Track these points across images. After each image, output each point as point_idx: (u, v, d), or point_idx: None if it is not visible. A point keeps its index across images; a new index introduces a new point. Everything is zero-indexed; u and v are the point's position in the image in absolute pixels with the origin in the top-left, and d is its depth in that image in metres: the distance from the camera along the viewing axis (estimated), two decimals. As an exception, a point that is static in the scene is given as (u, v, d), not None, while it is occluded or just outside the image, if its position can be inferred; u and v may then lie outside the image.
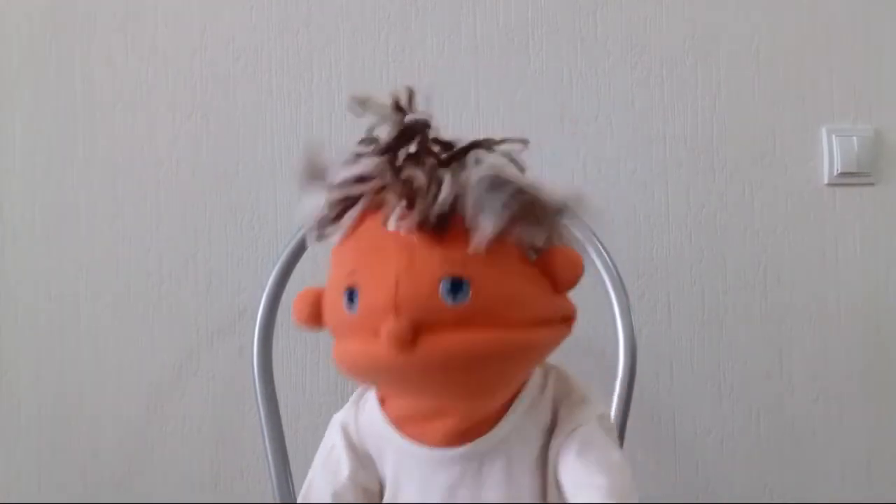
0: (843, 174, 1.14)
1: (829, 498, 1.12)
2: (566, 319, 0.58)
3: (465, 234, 0.54)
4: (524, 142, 0.58)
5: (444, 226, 0.53)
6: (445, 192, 0.53)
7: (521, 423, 0.60)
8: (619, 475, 0.58)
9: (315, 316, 0.59)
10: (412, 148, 0.55)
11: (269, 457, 0.88)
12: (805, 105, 1.15)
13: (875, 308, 1.15)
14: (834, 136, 1.14)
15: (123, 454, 1.08)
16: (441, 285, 0.52)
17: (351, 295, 0.54)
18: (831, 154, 1.14)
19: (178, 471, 1.08)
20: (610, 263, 0.89)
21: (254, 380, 0.90)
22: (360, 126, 1.15)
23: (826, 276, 1.14)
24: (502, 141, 0.58)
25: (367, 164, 0.56)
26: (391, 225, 0.54)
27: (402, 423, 0.60)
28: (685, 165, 1.13)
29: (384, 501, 0.62)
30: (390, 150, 0.56)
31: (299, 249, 0.92)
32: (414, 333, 0.51)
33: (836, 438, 1.14)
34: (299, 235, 0.92)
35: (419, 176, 0.54)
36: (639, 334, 0.91)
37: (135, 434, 1.09)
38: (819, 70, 1.15)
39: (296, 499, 0.86)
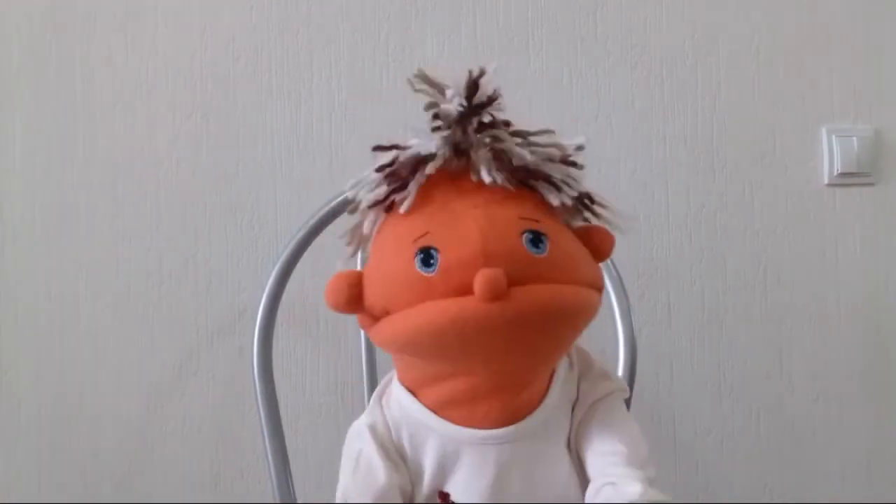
0: (843, 174, 1.14)
1: (829, 498, 1.12)
2: (600, 288, 0.60)
3: (533, 198, 0.58)
4: (581, 148, 0.62)
5: (519, 188, 0.57)
6: (526, 154, 0.57)
7: (559, 400, 0.62)
8: (638, 444, 0.61)
9: (356, 298, 0.58)
10: (484, 118, 0.58)
11: (269, 457, 0.88)
12: (805, 105, 1.15)
13: (875, 308, 1.15)
14: (834, 136, 1.14)
15: (123, 454, 1.08)
16: (524, 236, 0.54)
17: (426, 256, 0.54)
18: (831, 154, 1.14)
19: (178, 471, 1.08)
20: (610, 263, 0.89)
21: (254, 380, 0.90)
22: (360, 126, 1.16)
23: (826, 276, 1.14)
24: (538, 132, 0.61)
25: (442, 132, 0.57)
26: (484, 176, 0.56)
27: (444, 409, 0.60)
28: (685, 165, 1.13)
29: (424, 490, 0.62)
30: (465, 117, 0.57)
31: (299, 249, 0.92)
32: (504, 294, 0.52)
33: (836, 438, 1.14)
34: (299, 235, 0.92)
35: (505, 136, 0.58)
36: (639, 334, 0.91)
37: (135, 434, 1.09)
38: (819, 70, 1.15)
39: (296, 499, 0.87)
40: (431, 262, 0.54)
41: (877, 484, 1.14)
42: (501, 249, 0.53)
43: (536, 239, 0.55)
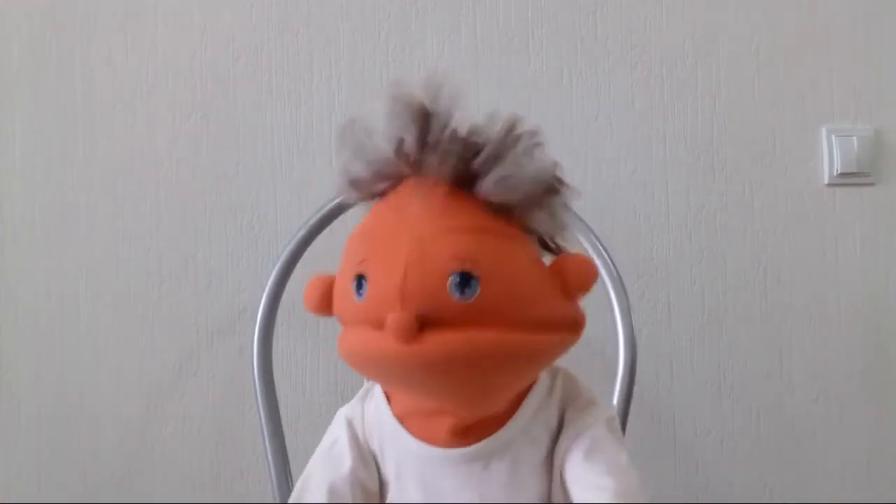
0: (843, 174, 1.14)
1: (829, 498, 1.12)
2: (574, 326, 0.57)
3: (478, 221, 0.54)
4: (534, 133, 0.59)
5: (468, 187, 0.54)
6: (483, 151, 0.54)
7: (528, 424, 0.60)
8: (627, 478, 0.58)
9: (325, 302, 0.59)
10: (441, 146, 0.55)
11: (269, 457, 0.88)
12: (805, 105, 1.15)
13: (875, 308, 1.15)
14: (834, 136, 1.14)
15: (123, 454, 1.08)
16: (450, 279, 0.52)
17: (360, 282, 0.55)
18: (831, 154, 1.14)
19: (178, 471, 1.08)
20: (610, 263, 0.89)
21: (254, 380, 0.90)
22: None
23: (826, 276, 1.14)
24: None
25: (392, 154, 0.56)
26: (415, 209, 0.54)
27: (408, 420, 0.60)
28: (685, 165, 1.13)
29: (389, 500, 0.62)
30: (420, 141, 0.55)
31: (299, 249, 0.92)
32: (419, 326, 0.51)
33: (836, 438, 1.14)
34: (299, 235, 0.92)
35: (455, 137, 0.55)
36: (639, 334, 0.91)
37: (135, 434, 1.09)
38: (819, 70, 1.15)
39: (296, 499, 0.87)
40: (361, 291, 0.54)
41: (877, 484, 1.14)
42: (420, 290, 0.52)
43: (464, 282, 0.52)
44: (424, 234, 0.54)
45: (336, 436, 0.64)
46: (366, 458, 0.62)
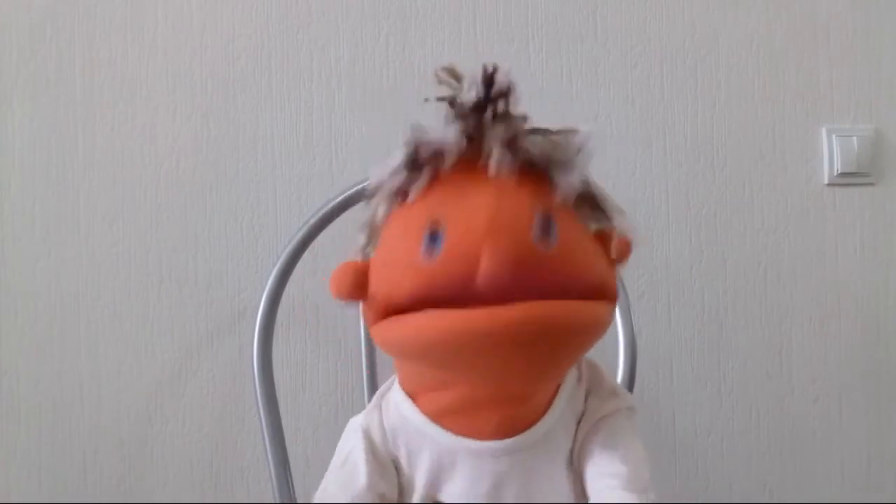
0: (843, 174, 1.14)
1: (829, 498, 1.12)
2: (616, 296, 0.58)
3: (545, 187, 0.55)
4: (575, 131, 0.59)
5: (533, 175, 0.55)
6: (541, 141, 0.55)
7: (563, 414, 0.60)
8: (640, 467, 0.59)
9: (360, 286, 0.56)
10: (499, 108, 0.57)
11: (269, 457, 0.88)
12: (805, 105, 1.15)
13: (875, 308, 1.15)
14: (834, 136, 1.14)
15: (123, 454, 1.08)
16: (535, 220, 0.51)
17: (433, 237, 0.52)
18: (831, 154, 1.14)
19: (178, 471, 1.08)
20: (610, 263, 0.89)
21: (254, 380, 0.90)
22: (360, 126, 1.16)
23: (826, 276, 1.14)
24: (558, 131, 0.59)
25: (459, 122, 0.56)
26: (492, 167, 0.53)
27: (442, 417, 0.59)
28: (685, 165, 1.13)
29: (417, 500, 0.61)
30: (480, 108, 0.57)
31: (299, 249, 0.92)
32: (510, 273, 0.49)
33: (836, 438, 1.14)
34: (299, 235, 0.92)
35: (518, 126, 0.56)
36: (639, 334, 0.91)
37: (135, 434, 1.09)
38: (819, 70, 1.15)
39: (296, 499, 0.87)
40: (437, 241, 0.51)
41: (877, 484, 1.14)
42: (509, 229, 0.51)
43: (547, 225, 0.52)
44: (498, 188, 0.53)
45: (350, 447, 0.62)
46: (384, 468, 0.61)
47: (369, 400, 0.90)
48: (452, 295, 0.51)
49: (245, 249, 1.09)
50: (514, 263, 0.50)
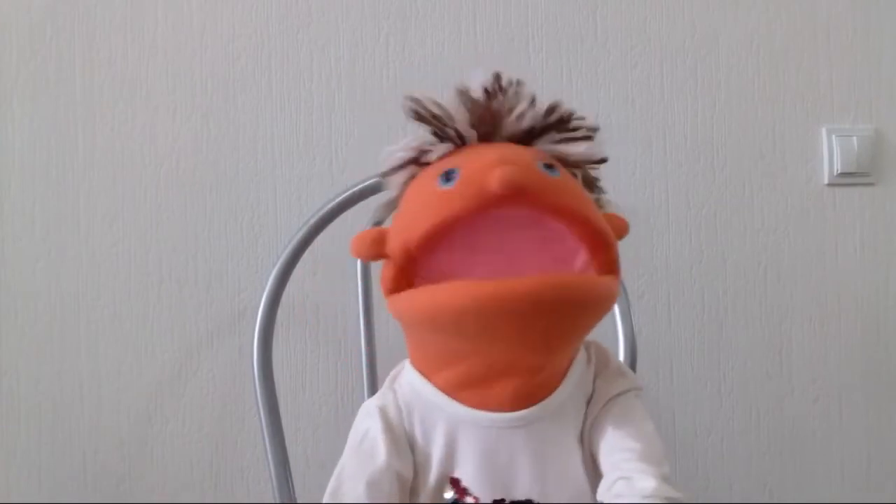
0: (843, 174, 1.14)
1: (829, 498, 1.12)
2: (618, 270, 0.61)
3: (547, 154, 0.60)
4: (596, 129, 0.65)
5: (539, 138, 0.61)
6: (549, 107, 0.62)
7: (574, 391, 0.62)
8: (653, 442, 0.60)
9: (379, 243, 0.59)
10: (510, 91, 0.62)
11: (269, 457, 0.88)
12: (805, 105, 1.15)
13: (875, 308, 1.15)
14: (834, 136, 1.14)
15: (123, 454, 1.08)
16: (537, 162, 0.57)
17: (448, 174, 0.57)
18: (831, 154, 1.14)
19: (178, 471, 1.08)
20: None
21: (254, 380, 0.90)
22: (360, 126, 1.16)
23: (826, 276, 1.14)
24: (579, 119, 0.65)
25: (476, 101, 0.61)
26: (508, 126, 0.60)
27: (457, 391, 0.60)
28: (685, 165, 1.13)
29: (434, 475, 0.61)
30: (492, 96, 0.62)
31: (299, 249, 0.92)
32: (522, 177, 0.53)
33: (836, 438, 1.14)
34: (299, 235, 0.92)
35: (528, 93, 0.62)
36: (639, 334, 0.91)
37: (135, 434, 1.09)
38: (819, 70, 1.15)
39: (296, 499, 0.87)
40: (452, 177, 0.56)
41: (877, 484, 1.14)
42: (516, 159, 0.56)
43: (549, 167, 0.58)
44: (508, 146, 0.60)
45: (366, 427, 0.63)
46: (400, 447, 0.62)
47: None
48: (470, 213, 0.55)
49: (245, 249, 1.09)
50: (524, 172, 0.55)
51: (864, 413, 1.14)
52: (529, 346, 0.57)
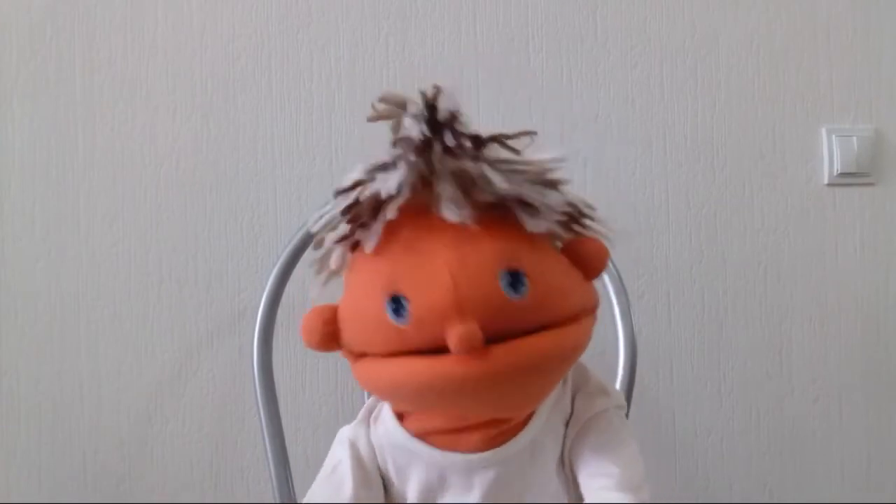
0: (843, 174, 1.14)
1: (829, 498, 1.12)
2: (595, 307, 0.57)
3: (510, 227, 0.51)
4: (532, 133, 0.55)
5: (494, 217, 0.51)
6: (499, 181, 0.50)
7: (549, 418, 0.60)
8: (633, 466, 0.58)
9: (332, 336, 0.54)
10: (447, 141, 0.51)
11: (269, 457, 0.88)
12: (805, 105, 1.15)
13: (875, 308, 1.15)
14: (834, 136, 1.14)
15: (123, 454, 1.08)
16: (501, 279, 0.49)
17: (397, 304, 0.50)
18: (831, 154, 1.14)
19: (178, 471, 1.08)
20: (610, 263, 0.88)
21: (254, 380, 0.90)
22: (360, 126, 1.15)
23: (826, 276, 1.14)
24: (516, 135, 0.55)
25: (406, 163, 0.51)
26: (450, 215, 0.49)
27: (429, 437, 0.59)
28: (685, 165, 1.13)
29: None
30: (427, 146, 0.51)
31: (299, 249, 0.92)
32: (483, 335, 0.47)
33: (836, 438, 1.14)
34: (299, 235, 0.92)
35: (471, 166, 0.51)
36: (639, 334, 0.91)
37: (135, 434, 1.09)
38: (819, 70, 1.15)
39: (296, 499, 0.87)
40: (402, 311, 0.49)
41: (877, 484, 1.14)
42: (476, 296, 0.48)
43: (515, 280, 0.49)
44: (456, 237, 0.50)
45: (338, 458, 0.62)
46: (369, 480, 0.61)
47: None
48: (429, 350, 0.50)
49: (245, 249, 1.09)
50: (487, 323, 0.48)
51: (864, 413, 1.14)
52: (498, 411, 0.55)
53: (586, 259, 0.55)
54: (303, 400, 1.09)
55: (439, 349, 0.49)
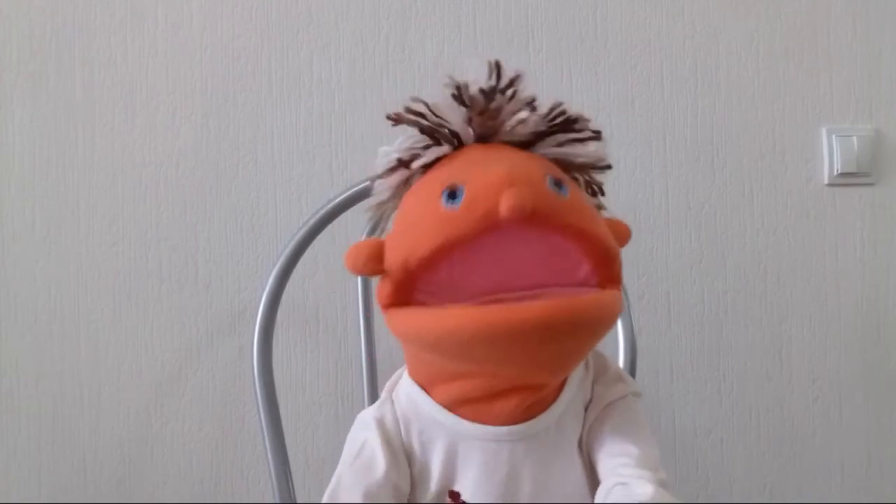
0: (843, 174, 1.14)
1: (828, 498, 1.12)
2: (619, 276, 0.59)
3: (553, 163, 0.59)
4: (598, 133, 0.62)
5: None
6: (553, 109, 0.60)
7: (573, 398, 0.62)
8: (651, 447, 0.61)
9: (376, 258, 0.57)
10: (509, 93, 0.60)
11: (269, 457, 0.88)
12: (805, 105, 1.15)
13: (875, 308, 1.15)
14: (834, 136, 1.14)
15: (123, 454, 1.08)
16: (546, 179, 0.54)
17: (452, 192, 0.54)
18: (831, 154, 1.14)
19: (178, 471, 1.08)
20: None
21: (254, 380, 0.90)
22: (360, 126, 1.16)
23: (826, 276, 1.14)
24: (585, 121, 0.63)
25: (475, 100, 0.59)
26: (509, 129, 0.58)
27: (457, 406, 0.59)
28: (685, 165, 1.13)
29: (433, 489, 0.61)
30: (490, 95, 0.59)
31: (299, 249, 0.92)
32: (532, 204, 0.51)
33: (836, 438, 1.14)
34: (299, 235, 0.92)
35: (528, 96, 0.59)
36: (639, 334, 0.91)
37: (135, 434, 1.09)
38: (819, 70, 1.15)
39: (296, 499, 0.87)
40: (457, 196, 0.53)
41: (877, 484, 1.14)
42: (527, 180, 0.53)
43: (557, 182, 0.55)
44: (512, 155, 0.57)
45: (364, 438, 0.61)
46: (398, 459, 0.61)
47: (369, 400, 0.90)
48: (476, 236, 0.53)
49: (245, 249, 1.09)
50: (534, 198, 0.52)
51: (864, 413, 1.14)
52: (538, 369, 0.56)
53: (613, 229, 0.60)
54: (303, 400, 1.09)
55: (489, 229, 0.52)
